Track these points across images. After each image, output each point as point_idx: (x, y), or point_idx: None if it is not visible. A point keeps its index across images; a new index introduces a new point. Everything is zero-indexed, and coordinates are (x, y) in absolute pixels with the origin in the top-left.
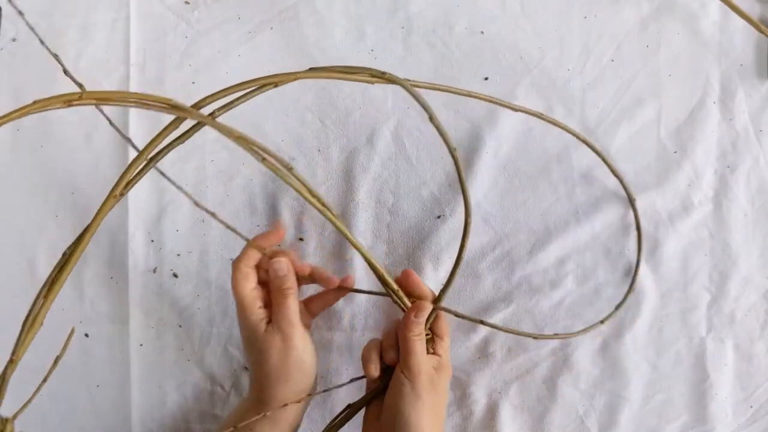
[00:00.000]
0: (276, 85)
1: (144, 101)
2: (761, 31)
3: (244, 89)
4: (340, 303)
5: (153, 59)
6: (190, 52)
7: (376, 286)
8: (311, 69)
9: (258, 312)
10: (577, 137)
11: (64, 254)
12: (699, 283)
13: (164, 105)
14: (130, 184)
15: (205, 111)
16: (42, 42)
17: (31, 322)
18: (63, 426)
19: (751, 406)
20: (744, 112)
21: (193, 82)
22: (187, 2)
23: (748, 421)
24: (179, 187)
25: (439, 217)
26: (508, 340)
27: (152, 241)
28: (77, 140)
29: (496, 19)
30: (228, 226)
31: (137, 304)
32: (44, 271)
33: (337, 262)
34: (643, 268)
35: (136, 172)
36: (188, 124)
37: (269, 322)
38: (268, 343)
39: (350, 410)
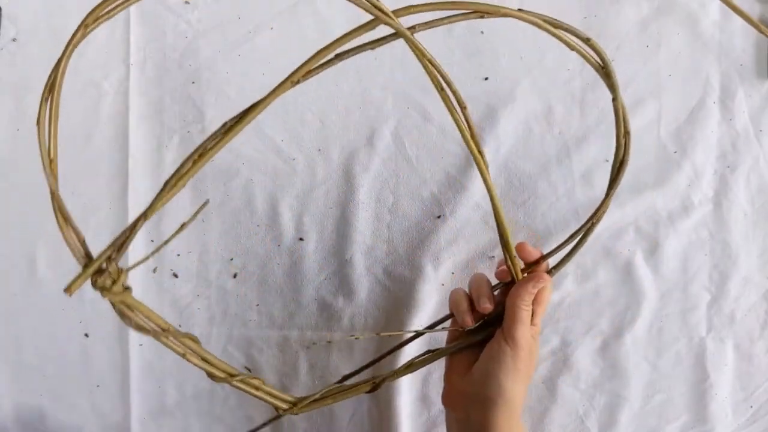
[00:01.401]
0: (482, 16)
1: None
2: (761, 31)
3: (451, 10)
4: (340, 303)
5: (153, 59)
6: (190, 52)
7: (376, 281)
8: (520, 10)
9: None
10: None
11: (224, 124)
12: (699, 283)
13: (367, 4)
14: (310, 74)
15: (405, 22)
16: None
17: (175, 181)
18: (63, 426)
19: (751, 406)
20: (744, 112)
21: (193, 82)
22: (187, 2)
23: (748, 421)
24: None
25: (439, 217)
26: None
27: (152, 241)
28: (77, 140)
29: (496, 19)
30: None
31: None
32: (44, 271)
33: (337, 261)
34: (643, 268)
35: (320, 63)
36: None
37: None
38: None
39: (433, 355)
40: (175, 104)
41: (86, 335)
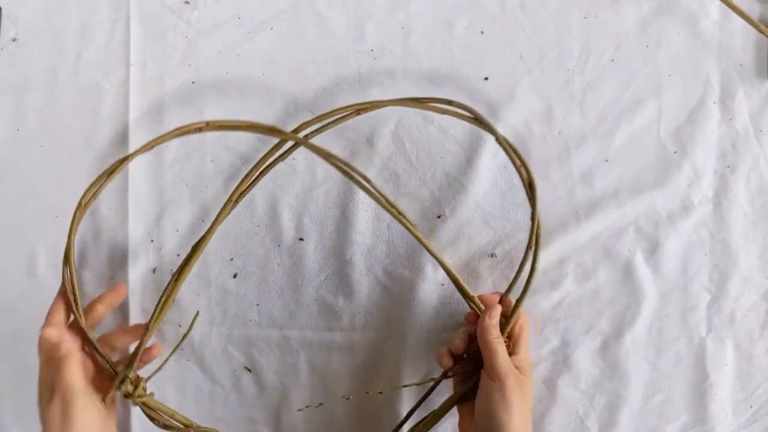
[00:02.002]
0: (359, 113)
1: (252, 126)
2: (761, 31)
3: (336, 115)
4: (340, 303)
5: (153, 59)
6: (190, 52)
7: (376, 281)
8: (405, 99)
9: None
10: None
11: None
12: (699, 283)
13: (268, 130)
14: (243, 194)
15: (302, 134)
16: None
17: (164, 299)
18: None
19: (751, 406)
20: (744, 112)
21: (193, 82)
22: (187, 2)
23: (748, 421)
24: None
25: (439, 217)
26: None
27: (152, 241)
28: (77, 140)
29: (496, 19)
30: None
31: (137, 304)
32: (44, 271)
33: (337, 261)
34: (643, 268)
35: (248, 183)
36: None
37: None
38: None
39: (433, 417)
40: (175, 104)
41: None
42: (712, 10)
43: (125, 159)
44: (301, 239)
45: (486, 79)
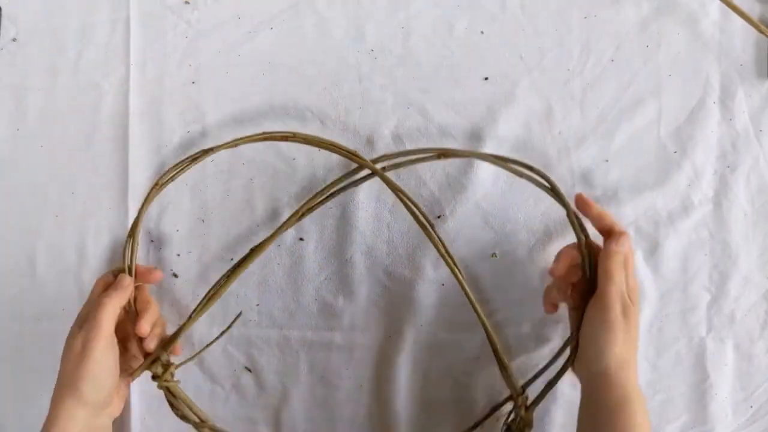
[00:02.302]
0: (440, 158)
1: (334, 147)
2: (761, 31)
3: (416, 155)
4: (340, 303)
5: (153, 59)
6: (190, 52)
7: (376, 281)
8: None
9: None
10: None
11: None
12: (699, 283)
13: (349, 154)
14: (311, 210)
15: (380, 164)
16: None
17: (213, 293)
18: None
19: (751, 406)
20: (744, 112)
21: (193, 82)
22: (187, 2)
23: (748, 421)
24: None
25: (439, 217)
26: (508, 341)
27: (152, 241)
28: (77, 140)
29: (496, 19)
30: None
31: None
32: (44, 271)
33: (337, 261)
34: (644, 268)
35: (316, 201)
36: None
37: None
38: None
39: (548, 386)
40: (175, 104)
41: None
42: (712, 10)
43: (209, 150)
44: (301, 239)
45: (486, 79)
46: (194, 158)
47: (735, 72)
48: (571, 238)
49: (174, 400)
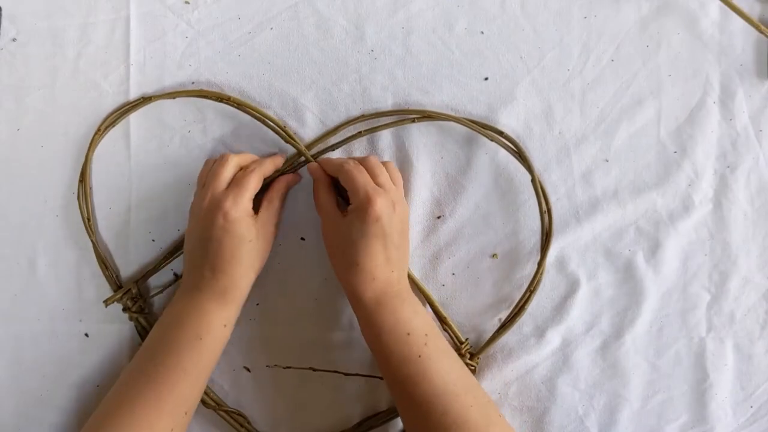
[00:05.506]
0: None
1: (264, 118)
2: (761, 31)
3: (395, 117)
4: (340, 302)
5: (153, 59)
6: (190, 52)
7: None
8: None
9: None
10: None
11: None
12: (699, 283)
13: (279, 128)
14: None
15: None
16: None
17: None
18: (63, 426)
19: (751, 406)
20: (744, 112)
21: (193, 82)
22: (187, 2)
23: (748, 421)
24: None
25: (439, 217)
26: (508, 341)
27: (152, 240)
28: (77, 140)
29: (496, 19)
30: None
31: None
32: (44, 271)
33: None
34: (644, 268)
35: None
36: None
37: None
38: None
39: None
40: (175, 104)
41: (86, 335)
42: (712, 10)
43: (148, 99)
44: (301, 239)
45: (486, 79)
46: (134, 104)
47: (735, 72)
48: (572, 236)
49: (144, 333)
